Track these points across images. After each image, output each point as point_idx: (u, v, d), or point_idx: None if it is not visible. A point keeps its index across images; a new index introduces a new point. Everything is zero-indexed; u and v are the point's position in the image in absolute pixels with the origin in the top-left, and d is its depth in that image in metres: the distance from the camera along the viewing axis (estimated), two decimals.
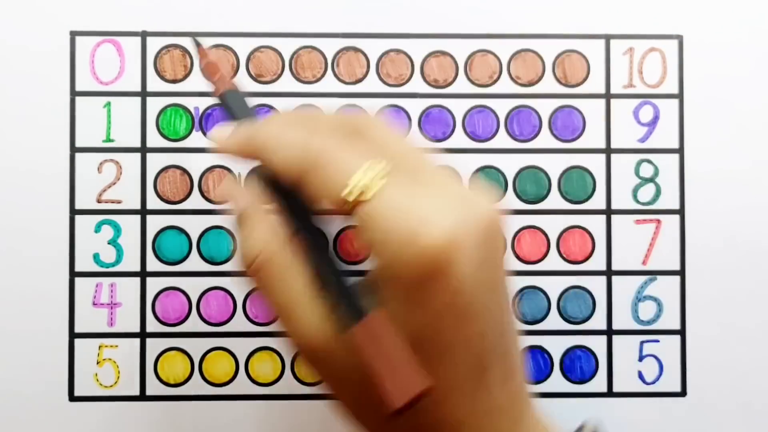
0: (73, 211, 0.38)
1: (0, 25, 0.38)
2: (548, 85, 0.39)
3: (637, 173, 0.39)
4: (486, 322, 0.27)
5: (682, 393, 0.39)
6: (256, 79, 0.38)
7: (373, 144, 0.28)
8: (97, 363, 0.38)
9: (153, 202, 0.38)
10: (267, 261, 0.29)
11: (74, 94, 0.38)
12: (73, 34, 0.38)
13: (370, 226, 0.27)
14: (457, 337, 0.27)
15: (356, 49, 0.39)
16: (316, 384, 0.38)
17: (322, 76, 0.38)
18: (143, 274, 0.38)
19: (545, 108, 0.39)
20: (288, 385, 0.38)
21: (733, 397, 0.39)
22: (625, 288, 0.39)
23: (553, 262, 0.39)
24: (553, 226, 0.39)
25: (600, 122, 0.39)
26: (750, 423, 0.39)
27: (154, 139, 0.38)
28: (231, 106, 0.31)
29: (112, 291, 0.38)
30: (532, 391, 0.29)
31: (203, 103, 0.38)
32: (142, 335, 0.38)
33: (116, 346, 0.38)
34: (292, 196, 0.29)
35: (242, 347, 0.38)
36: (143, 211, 0.38)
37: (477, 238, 0.26)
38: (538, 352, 0.39)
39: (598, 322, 0.39)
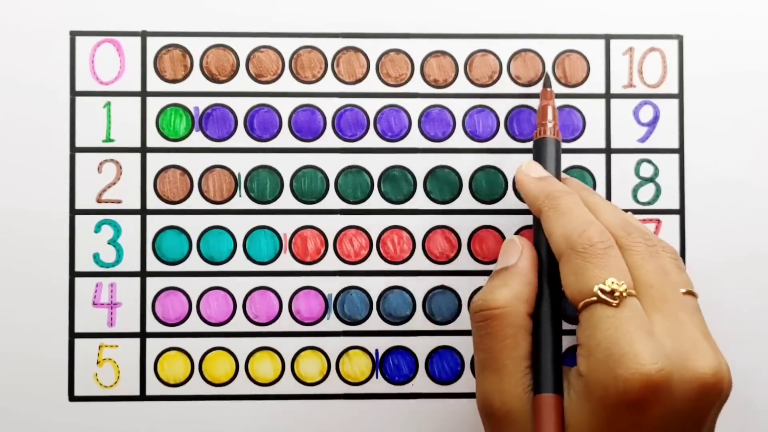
0: (73, 211, 0.38)
1: (0, 25, 0.38)
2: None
3: (637, 173, 0.39)
4: None
5: None
6: (256, 79, 0.38)
7: (633, 267, 0.31)
8: (97, 363, 0.38)
9: (153, 202, 0.38)
10: (506, 315, 0.31)
11: (74, 94, 0.38)
12: (73, 34, 0.38)
13: (597, 327, 0.29)
14: None
15: (356, 49, 0.39)
16: (316, 384, 0.38)
17: (322, 76, 0.38)
18: (143, 274, 0.38)
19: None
20: (288, 385, 0.38)
21: (733, 396, 0.39)
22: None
23: None
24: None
25: (600, 122, 0.39)
26: (750, 423, 0.39)
27: (154, 139, 0.38)
28: (544, 150, 0.35)
29: (112, 291, 0.38)
30: None
31: (203, 103, 0.38)
32: (142, 335, 0.38)
33: (116, 346, 0.38)
34: (554, 266, 0.32)
35: (242, 347, 0.38)
36: (143, 211, 0.38)
37: (686, 393, 0.29)
38: None
39: None
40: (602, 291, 0.29)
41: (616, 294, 0.29)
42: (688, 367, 0.29)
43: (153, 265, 0.38)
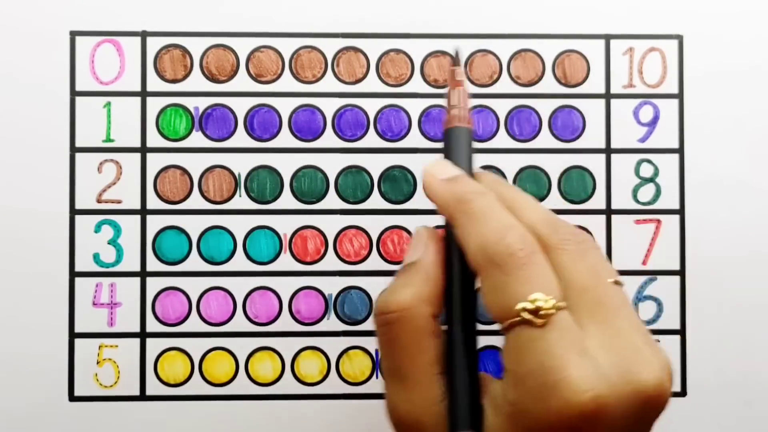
0: (73, 211, 0.38)
1: (0, 25, 0.38)
2: (548, 85, 0.39)
3: (637, 173, 0.39)
4: None
5: (682, 393, 0.39)
6: (256, 79, 0.38)
7: (562, 268, 0.27)
8: (97, 363, 0.38)
9: (153, 202, 0.38)
10: (408, 319, 0.28)
11: (74, 94, 0.38)
12: (73, 34, 0.38)
13: (524, 352, 0.26)
14: None
15: (356, 49, 0.39)
16: (316, 384, 0.38)
17: (322, 76, 0.38)
18: (143, 274, 0.38)
19: (545, 108, 0.39)
20: (288, 385, 0.38)
21: (733, 397, 0.39)
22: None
23: None
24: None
25: (600, 122, 0.39)
26: (750, 423, 0.39)
27: (154, 139, 0.38)
28: (453, 142, 0.30)
29: (112, 291, 0.38)
30: None
31: (203, 103, 0.38)
32: (142, 335, 0.38)
33: (116, 346, 0.38)
34: (467, 273, 0.28)
35: (242, 347, 0.38)
36: (143, 211, 0.38)
37: (626, 411, 0.26)
38: None
39: None
40: (526, 310, 0.26)
41: (542, 312, 0.26)
42: (630, 381, 0.26)
43: (153, 265, 0.38)
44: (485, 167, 0.39)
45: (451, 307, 0.28)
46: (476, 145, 0.39)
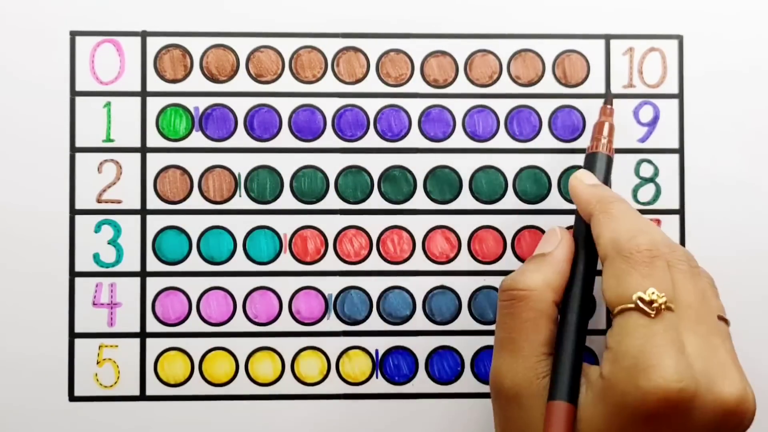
0: (73, 211, 0.38)
1: (0, 25, 0.38)
2: (548, 85, 0.39)
3: (637, 173, 0.39)
4: None
5: None
6: (256, 79, 0.38)
7: (675, 282, 0.30)
8: (97, 363, 0.38)
9: (153, 202, 0.38)
10: (534, 299, 0.32)
11: (74, 94, 0.38)
12: (73, 34, 0.38)
13: (629, 334, 0.29)
14: None
15: (356, 49, 0.39)
16: (316, 384, 0.38)
17: (322, 76, 0.38)
18: (143, 274, 0.38)
19: (545, 108, 0.39)
20: (288, 385, 0.38)
21: None
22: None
23: None
24: (553, 226, 0.39)
25: None
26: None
27: (154, 139, 0.38)
28: (596, 164, 0.36)
29: (112, 291, 0.38)
30: None
31: (203, 103, 0.38)
32: (142, 335, 0.38)
33: (116, 346, 0.38)
34: (591, 265, 0.33)
35: (242, 347, 0.38)
36: (143, 211, 0.38)
37: (704, 416, 0.28)
38: None
39: (598, 321, 0.39)
40: (641, 300, 0.29)
41: (655, 305, 0.29)
42: (713, 390, 0.29)
43: (153, 265, 0.38)
44: (485, 167, 0.39)
45: (569, 297, 0.32)
46: (475, 144, 0.39)
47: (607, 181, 0.36)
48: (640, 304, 0.29)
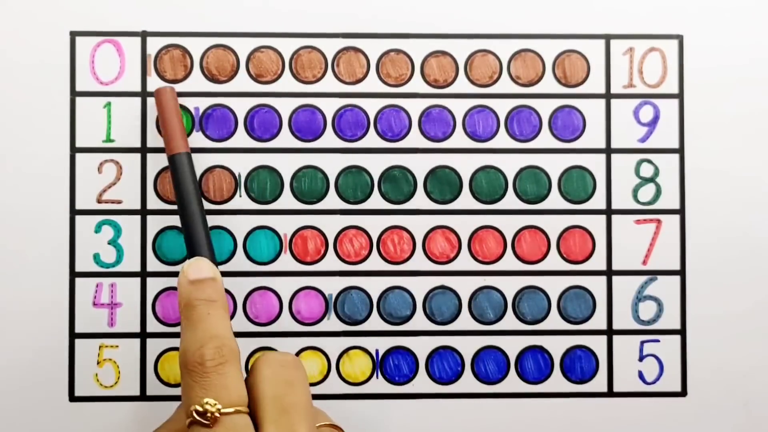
0: (73, 211, 0.38)
1: (0, 25, 0.38)
2: (548, 85, 0.39)
3: (637, 173, 0.39)
4: None
5: (682, 393, 0.39)
6: (256, 79, 0.38)
7: (256, 376, 0.31)
8: (97, 363, 0.38)
9: (153, 202, 0.38)
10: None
11: (74, 94, 0.38)
12: (73, 34, 0.38)
13: None
14: None
15: (356, 49, 0.39)
16: (316, 384, 0.38)
17: (322, 76, 0.38)
18: (143, 274, 0.38)
19: (545, 108, 0.39)
20: None
21: (733, 397, 0.39)
22: (625, 288, 0.39)
23: (554, 262, 0.39)
24: (553, 226, 0.39)
25: (600, 122, 0.39)
26: (750, 423, 0.39)
27: (154, 139, 0.38)
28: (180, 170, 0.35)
29: (112, 291, 0.38)
30: None
31: (203, 103, 0.38)
32: (142, 335, 0.38)
33: (116, 346, 0.38)
34: None
35: (242, 347, 0.38)
36: (143, 211, 0.38)
37: None
38: (538, 352, 0.39)
39: (598, 322, 0.39)
40: (197, 412, 0.29)
41: (209, 414, 0.29)
42: None
43: (153, 265, 0.38)
44: (485, 167, 0.39)
45: None
46: (476, 144, 0.39)
47: (194, 178, 0.36)
48: (196, 416, 0.29)
